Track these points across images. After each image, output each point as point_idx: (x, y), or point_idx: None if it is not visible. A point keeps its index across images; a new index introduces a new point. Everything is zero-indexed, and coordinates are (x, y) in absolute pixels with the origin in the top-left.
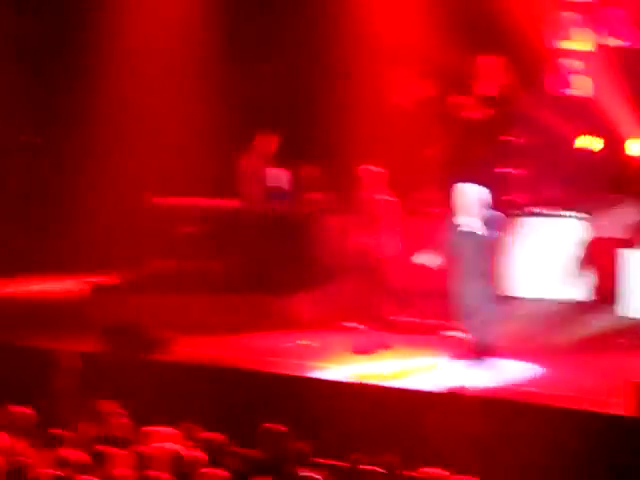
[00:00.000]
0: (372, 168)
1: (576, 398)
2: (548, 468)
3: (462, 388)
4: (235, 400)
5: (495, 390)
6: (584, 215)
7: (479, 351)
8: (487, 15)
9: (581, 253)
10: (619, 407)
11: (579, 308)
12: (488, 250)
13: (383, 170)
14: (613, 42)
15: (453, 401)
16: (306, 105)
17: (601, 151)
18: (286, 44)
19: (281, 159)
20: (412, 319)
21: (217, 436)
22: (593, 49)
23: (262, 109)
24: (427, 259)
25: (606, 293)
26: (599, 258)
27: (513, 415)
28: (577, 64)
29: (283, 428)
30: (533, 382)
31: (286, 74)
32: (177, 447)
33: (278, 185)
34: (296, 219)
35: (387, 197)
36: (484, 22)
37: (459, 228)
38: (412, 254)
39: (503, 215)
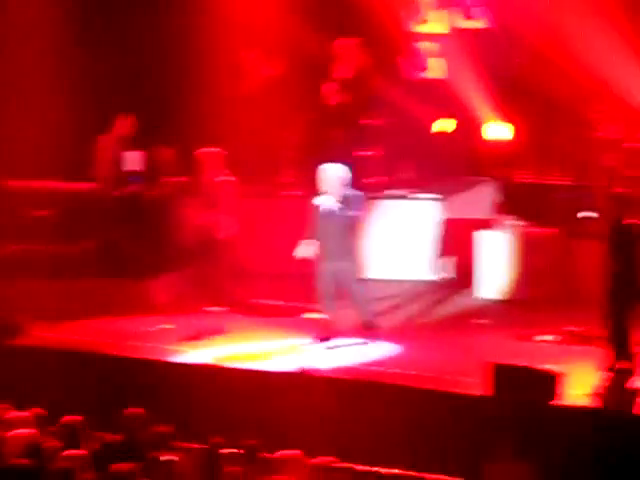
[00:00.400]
0: (211, 150)
1: (433, 378)
2: (405, 448)
3: (320, 369)
4: (94, 384)
5: (353, 370)
6: (440, 197)
7: (364, 328)
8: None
9: (438, 234)
10: (475, 387)
11: (436, 289)
12: (351, 230)
13: (222, 152)
14: (467, 24)
15: (311, 383)
16: (161, 87)
17: (457, 134)
18: (139, 27)
19: (137, 142)
20: (272, 302)
21: (75, 420)
22: (448, 31)
23: (117, 92)
24: (305, 250)
25: (464, 274)
26: (456, 239)
27: (370, 395)
28: (433, 47)
29: (143, 412)
30: (390, 362)
31: (140, 57)
32: (33, 432)
33: (134, 168)
34: (152, 202)
35: (226, 179)
36: (341, 4)
37: (321, 208)
38: (271, 236)
39: (363, 195)
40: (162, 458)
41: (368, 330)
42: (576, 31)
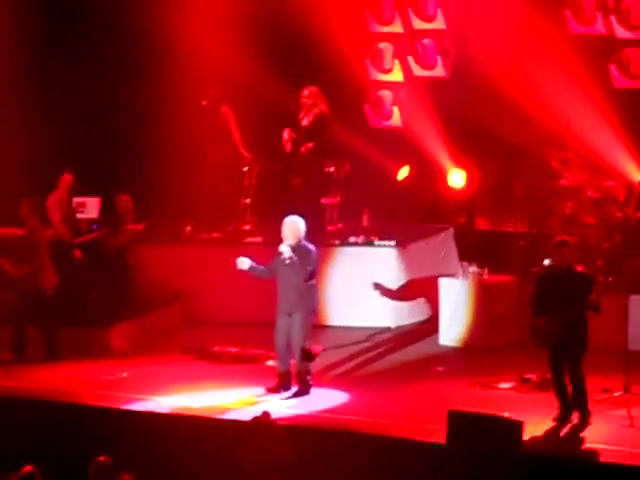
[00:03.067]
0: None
1: (391, 425)
2: None
3: (278, 417)
4: (56, 433)
5: (312, 418)
6: (401, 244)
7: (299, 380)
8: (306, 47)
9: (399, 282)
10: (437, 435)
11: (398, 336)
12: (304, 282)
13: (36, 199)
14: (423, 72)
15: (269, 430)
16: (116, 134)
17: (419, 181)
18: (93, 75)
19: (94, 188)
20: (235, 349)
21: (32, 470)
22: (406, 80)
23: (73, 143)
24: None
25: (426, 321)
26: (417, 287)
27: (328, 443)
28: (394, 95)
29: (108, 460)
30: (349, 410)
31: (96, 105)
32: None
33: (92, 215)
34: (113, 249)
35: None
36: (305, 53)
37: (281, 258)
38: (233, 284)
39: (314, 249)
40: None
41: (301, 382)
42: (536, 78)
